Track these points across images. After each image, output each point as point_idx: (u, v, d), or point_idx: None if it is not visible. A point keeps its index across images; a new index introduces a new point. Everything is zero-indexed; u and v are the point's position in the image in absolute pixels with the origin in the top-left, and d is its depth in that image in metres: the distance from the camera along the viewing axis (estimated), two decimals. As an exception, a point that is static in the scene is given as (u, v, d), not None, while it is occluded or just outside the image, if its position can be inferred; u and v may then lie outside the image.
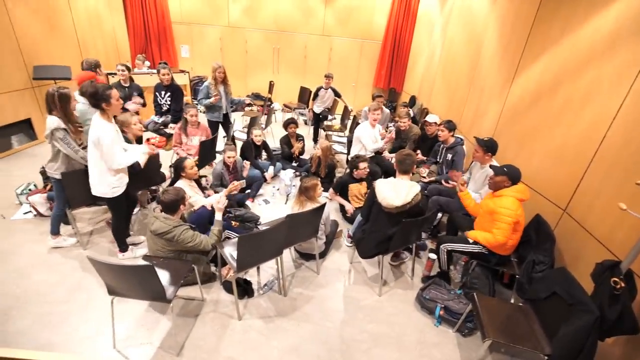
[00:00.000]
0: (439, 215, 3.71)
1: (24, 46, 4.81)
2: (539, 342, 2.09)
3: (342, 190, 3.89)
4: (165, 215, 2.49)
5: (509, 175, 2.61)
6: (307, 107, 7.27)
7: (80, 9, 5.90)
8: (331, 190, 3.95)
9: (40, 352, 1.08)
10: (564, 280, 2.14)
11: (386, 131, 5.71)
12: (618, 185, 2.26)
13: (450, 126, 3.88)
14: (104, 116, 2.50)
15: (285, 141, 5.02)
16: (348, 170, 4.02)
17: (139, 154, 2.72)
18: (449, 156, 3.89)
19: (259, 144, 4.59)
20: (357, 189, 3.84)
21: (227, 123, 4.83)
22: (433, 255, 3.09)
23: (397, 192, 2.66)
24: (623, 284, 1.82)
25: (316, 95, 6.11)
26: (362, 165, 3.72)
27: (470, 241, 2.80)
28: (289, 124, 4.90)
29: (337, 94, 6.18)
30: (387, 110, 5.65)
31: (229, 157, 3.82)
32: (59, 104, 2.63)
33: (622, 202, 1.93)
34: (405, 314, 2.76)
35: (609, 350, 2.15)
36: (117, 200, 2.74)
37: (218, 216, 2.69)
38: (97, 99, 2.44)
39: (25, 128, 5.11)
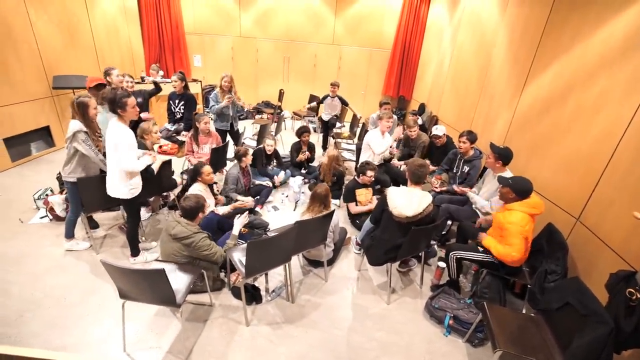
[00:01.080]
0: (449, 223, 3.68)
1: (45, 57, 5.01)
2: (551, 353, 2.04)
3: (352, 197, 3.89)
4: (186, 220, 2.55)
5: (513, 188, 2.54)
6: (316, 114, 7.31)
7: (98, 21, 6.12)
8: (350, 205, 3.89)
9: (53, 352, 1.11)
10: (578, 291, 2.09)
11: (395, 140, 5.72)
12: (632, 193, 2.22)
13: (473, 138, 3.72)
14: (121, 120, 2.64)
15: (297, 148, 5.06)
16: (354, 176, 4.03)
17: (143, 164, 2.81)
18: (466, 169, 3.79)
19: (270, 153, 4.65)
20: (364, 195, 3.83)
21: (234, 132, 4.90)
22: (442, 264, 3.05)
23: (409, 201, 2.64)
24: (639, 295, 1.77)
25: (321, 101, 6.17)
26: (370, 173, 3.72)
27: (480, 249, 2.76)
28: (302, 132, 4.95)
29: (344, 103, 6.18)
30: (395, 118, 5.65)
31: (248, 159, 3.99)
32: (78, 110, 2.80)
33: (637, 211, 1.90)
34: (414, 323, 2.73)
35: (626, 364, 2.09)
36: (133, 201, 2.83)
37: (235, 230, 2.74)
38: (114, 104, 2.59)
39: (44, 135, 5.29)
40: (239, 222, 2.78)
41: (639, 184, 2.17)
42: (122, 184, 2.72)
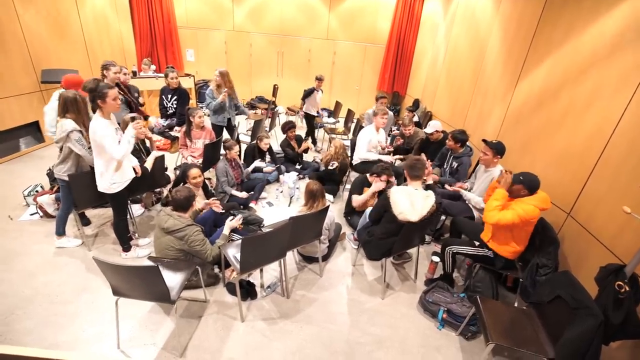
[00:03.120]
0: (442, 217, 3.71)
1: (33, 50, 4.90)
2: (542, 345, 2.08)
3: (359, 191, 3.75)
4: (178, 213, 2.55)
5: (525, 184, 2.52)
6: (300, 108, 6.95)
7: (88, 14, 6.00)
8: (354, 196, 3.72)
9: (46, 350, 1.09)
10: (568, 284, 2.13)
11: (389, 135, 5.72)
12: (623, 188, 2.25)
13: (460, 138, 3.70)
14: (100, 112, 2.59)
15: (286, 145, 5.06)
16: (359, 175, 3.96)
17: (129, 138, 2.69)
18: (455, 165, 3.83)
19: (265, 149, 4.63)
20: (370, 194, 3.75)
21: (230, 127, 4.86)
22: (436, 258, 3.08)
23: (413, 205, 2.60)
24: (627, 288, 1.81)
25: (308, 95, 6.06)
26: (384, 178, 3.54)
27: (476, 244, 2.79)
28: (289, 128, 4.95)
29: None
30: (390, 113, 5.63)
31: (235, 152, 3.93)
32: (84, 106, 2.75)
33: (627, 205, 1.92)
34: (408, 317, 2.76)
35: (614, 354, 2.14)
36: (117, 196, 2.79)
37: (226, 231, 2.74)
38: (94, 94, 2.53)
39: (33, 131, 5.19)
40: (230, 224, 2.78)
41: (629, 179, 2.21)
42: (101, 178, 2.70)
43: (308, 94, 6.10)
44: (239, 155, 4.29)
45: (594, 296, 2.00)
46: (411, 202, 2.62)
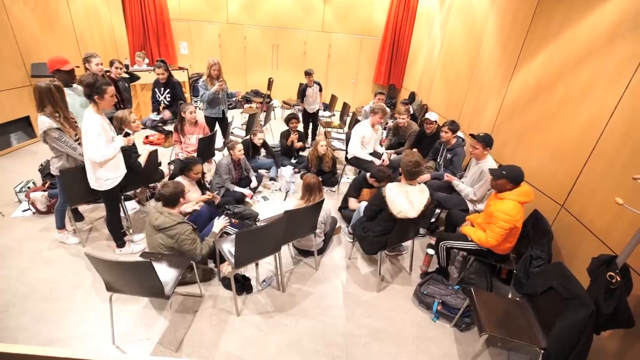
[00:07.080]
0: (437, 211, 3.72)
1: (22, 44, 4.80)
2: (535, 336, 2.11)
3: (357, 194, 3.71)
4: (169, 210, 2.52)
5: (509, 178, 2.54)
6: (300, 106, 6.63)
7: (78, 5, 5.88)
8: (351, 200, 3.71)
9: (40, 347, 1.08)
10: (561, 275, 2.15)
11: (385, 129, 5.69)
12: (616, 180, 2.27)
13: (454, 127, 3.75)
14: (94, 108, 2.51)
15: (286, 135, 5.02)
16: (359, 173, 3.90)
17: (118, 145, 2.67)
18: (449, 156, 3.86)
19: (259, 144, 4.60)
20: (368, 195, 3.67)
21: (224, 121, 4.80)
22: (431, 251, 3.09)
23: (410, 202, 2.61)
24: (619, 278, 1.83)
25: (303, 94, 5.79)
26: (384, 184, 3.55)
27: (469, 238, 2.81)
28: (290, 119, 4.93)
29: (320, 89, 5.90)
30: (388, 111, 5.57)
31: (239, 152, 3.87)
32: (58, 95, 2.61)
33: (620, 197, 1.93)
34: (404, 309, 2.78)
35: (605, 343, 2.17)
36: (109, 193, 2.76)
37: (216, 229, 2.74)
38: (92, 89, 2.44)
39: (24, 126, 5.12)
40: (219, 224, 2.77)
41: (623, 170, 2.22)
42: (91, 175, 2.64)
43: (301, 93, 5.79)
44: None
45: (586, 287, 2.02)
46: (408, 199, 2.62)
